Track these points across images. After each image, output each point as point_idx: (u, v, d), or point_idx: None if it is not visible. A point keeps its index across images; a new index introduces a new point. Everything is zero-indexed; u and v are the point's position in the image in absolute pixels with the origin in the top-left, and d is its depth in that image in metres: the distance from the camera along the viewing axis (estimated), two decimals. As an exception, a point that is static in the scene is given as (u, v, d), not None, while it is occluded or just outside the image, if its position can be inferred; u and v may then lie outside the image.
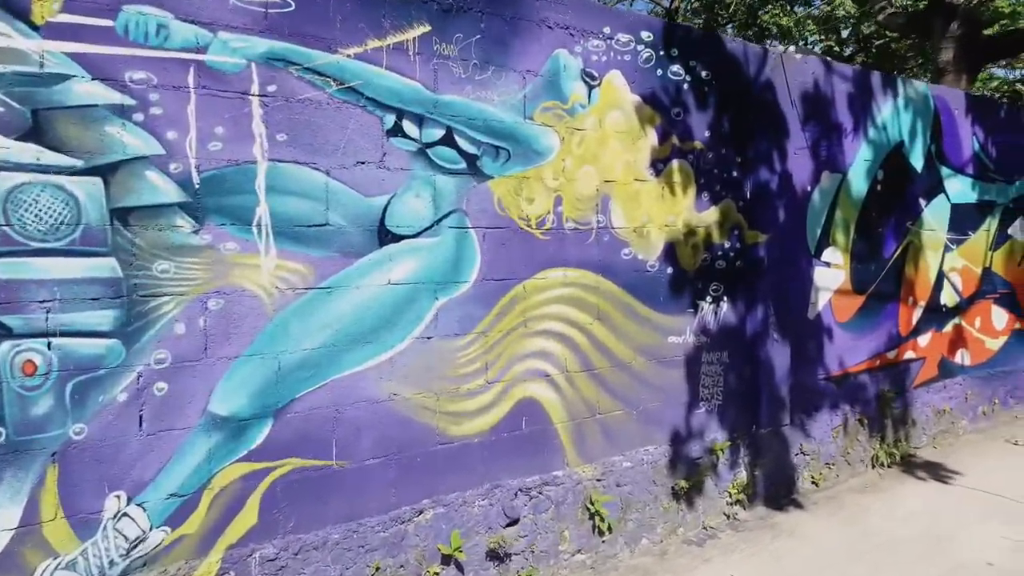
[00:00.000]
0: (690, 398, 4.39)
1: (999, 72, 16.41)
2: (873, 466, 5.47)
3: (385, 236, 3.20)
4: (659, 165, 4.16)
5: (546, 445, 3.77)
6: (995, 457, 5.79)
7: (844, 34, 18.87)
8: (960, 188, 6.25)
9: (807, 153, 4.95)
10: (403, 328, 3.26)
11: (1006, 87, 10.91)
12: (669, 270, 4.24)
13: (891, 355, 5.71)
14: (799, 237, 4.93)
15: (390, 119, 3.19)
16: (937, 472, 5.42)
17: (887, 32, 16.49)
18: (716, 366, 4.51)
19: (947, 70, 8.24)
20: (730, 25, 19.56)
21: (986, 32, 8.42)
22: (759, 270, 4.62)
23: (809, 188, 4.99)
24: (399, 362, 3.26)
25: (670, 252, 4.24)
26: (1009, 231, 6.88)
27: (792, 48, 7.40)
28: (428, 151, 3.30)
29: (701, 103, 4.33)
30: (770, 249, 4.65)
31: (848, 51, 19.21)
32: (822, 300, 5.13)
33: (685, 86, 4.25)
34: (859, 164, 5.31)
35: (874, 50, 18.55)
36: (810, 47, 18.69)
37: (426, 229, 3.31)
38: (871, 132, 5.39)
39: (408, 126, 3.24)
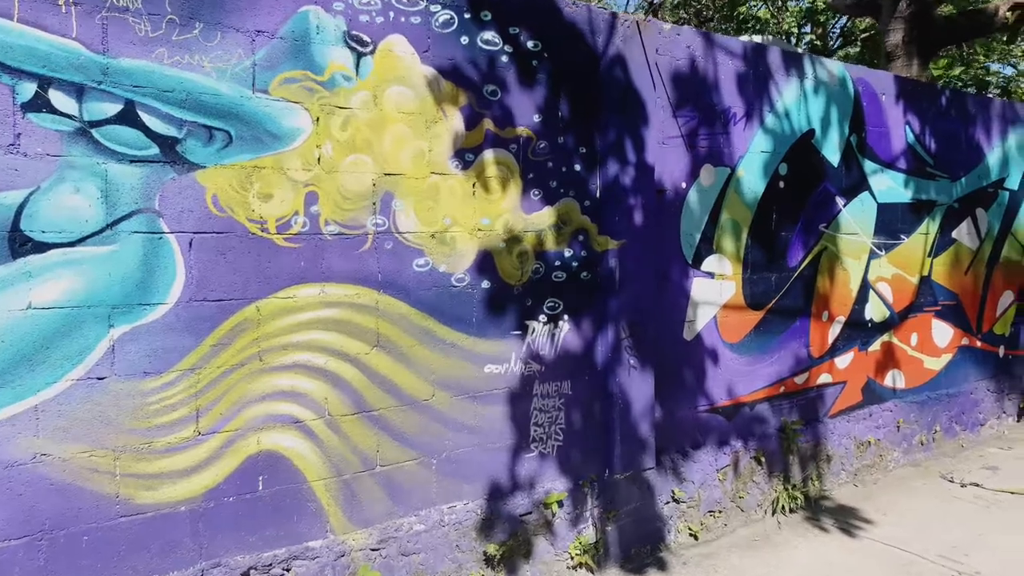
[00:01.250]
0: (516, 440, 3.59)
1: (994, 66, 15.52)
2: (773, 512, 4.65)
3: (21, 244, 2.40)
4: (467, 155, 3.36)
5: (298, 509, 2.97)
6: (923, 498, 4.97)
7: (836, 28, 18.04)
8: (890, 185, 5.42)
9: (681, 143, 4.14)
10: (56, 367, 2.46)
11: (974, 75, 10.01)
12: (485, 285, 3.44)
13: (799, 380, 4.89)
14: (670, 243, 4.12)
15: (28, 89, 2.40)
16: (847, 519, 4.60)
17: (876, 25, 15.65)
18: (554, 400, 3.70)
19: (896, 54, 7.42)
20: (717, 17, 18.79)
21: (943, 13, 7.58)
22: (611, 283, 3.82)
23: (684, 185, 4.18)
24: (51, 411, 2.46)
25: (486, 262, 3.44)
26: (954, 234, 6.05)
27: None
28: (94, 131, 2.50)
29: (527, 80, 3.53)
30: (626, 258, 3.84)
31: (834, 45, 18.37)
32: (703, 318, 4.32)
33: (504, 59, 3.45)
34: (753, 157, 4.50)
35: (859, 43, 17.70)
36: (788, 40, 17.92)
37: (93, 235, 2.52)
38: (769, 119, 4.57)
39: (59, 99, 2.44)
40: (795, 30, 18.39)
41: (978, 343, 6.39)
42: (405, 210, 3.18)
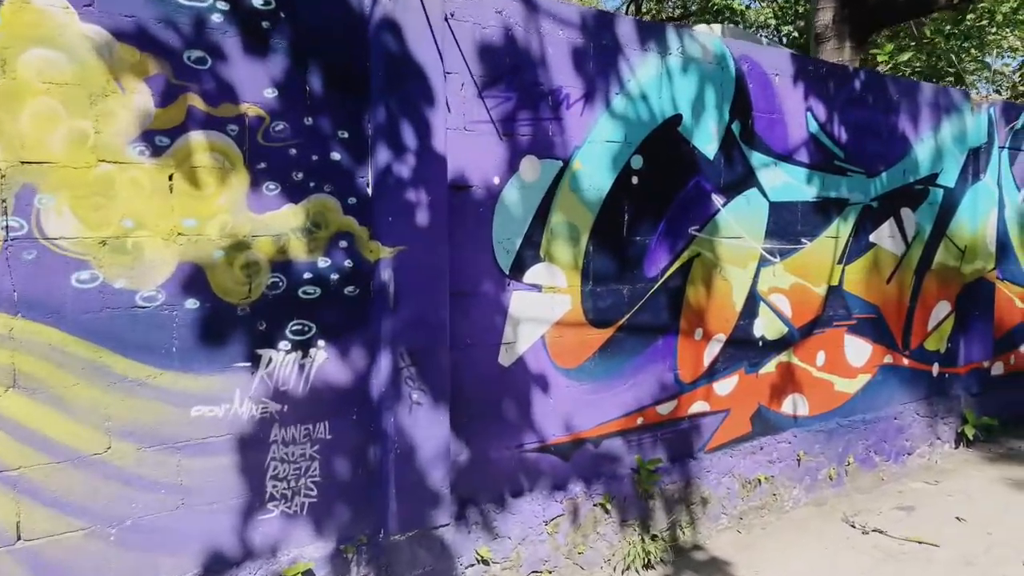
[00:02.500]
0: (246, 499, 2.86)
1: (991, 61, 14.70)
2: (626, 569, 3.92)
3: None
4: (160, 139, 2.63)
5: None
6: (812, 547, 4.23)
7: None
8: (786, 181, 4.68)
9: (492, 130, 3.41)
10: None
11: (933, 64, 9.22)
12: (190, 304, 2.71)
13: (664, 410, 4.15)
14: (477, 250, 3.39)
15: None
16: (711, 578, 3.87)
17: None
18: (303, 447, 2.98)
19: (826, 36, 6.68)
20: (697, 9, 18.05)
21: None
22: (385, 300, 3.09)
23: (498, 180, 3.45)
24: None
25: (192, 275, 2.71)
26: (872, 238, 5.30)
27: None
28: None
29: (255, 46, 2.80)
30: (407, 268, 3.11)
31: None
32: (527, 338, 3.58)
33: (216, 18, 2.72)
34: (595, 147, 3.76)
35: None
36: (777, 34, 17.19)
37: None
38: (618, 103, 3.84)
39: None
40: (772, 22, 17.61)
41: (905, 361, 5.64)
42: (56, 209, 2.46)
